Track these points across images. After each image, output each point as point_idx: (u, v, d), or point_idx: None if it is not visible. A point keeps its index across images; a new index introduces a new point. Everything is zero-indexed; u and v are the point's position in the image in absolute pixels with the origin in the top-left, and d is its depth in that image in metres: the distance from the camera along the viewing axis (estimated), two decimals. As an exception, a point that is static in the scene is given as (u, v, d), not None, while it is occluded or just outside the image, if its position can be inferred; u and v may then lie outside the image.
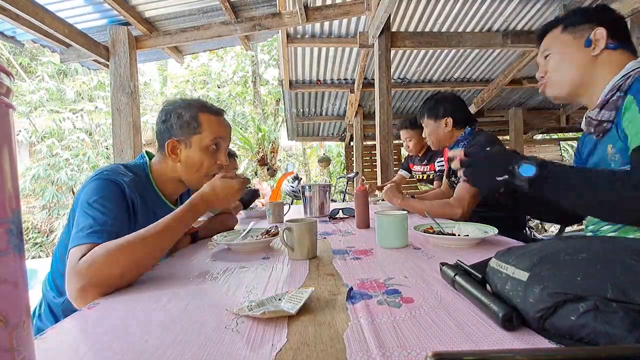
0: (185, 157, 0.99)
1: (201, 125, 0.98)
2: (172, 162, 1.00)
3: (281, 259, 0.87)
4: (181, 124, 0.98)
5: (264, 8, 3.20)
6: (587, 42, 0.87)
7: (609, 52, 0.86)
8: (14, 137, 0.29)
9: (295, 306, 0.52)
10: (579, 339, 0.39)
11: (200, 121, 0.98)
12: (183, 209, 0.85)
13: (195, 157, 0.99)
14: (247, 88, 11.47)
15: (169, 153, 0.98)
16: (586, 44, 0.87)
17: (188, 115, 0.98)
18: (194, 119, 0.98)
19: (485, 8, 3.40)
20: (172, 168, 1.01)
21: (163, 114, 1.00)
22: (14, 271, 0.28)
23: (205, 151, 0.99)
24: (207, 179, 1.01)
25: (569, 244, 0.47)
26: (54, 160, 7.59)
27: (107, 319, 0.55)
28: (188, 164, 0.99)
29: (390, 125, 3.10)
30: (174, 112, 0.99)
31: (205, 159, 1.00)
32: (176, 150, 0.99)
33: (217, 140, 1.01)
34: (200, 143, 0.99)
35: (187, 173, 1.01)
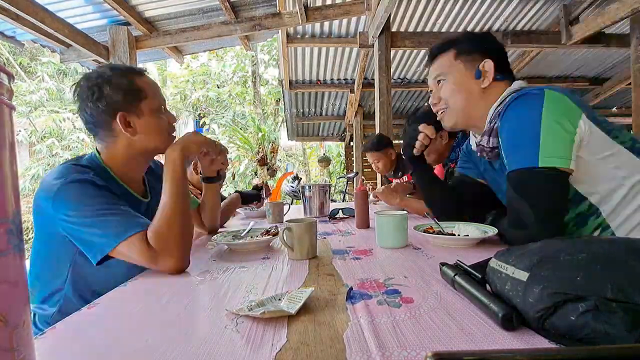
0: (143, 126, 0.91)
1: (144, 90, 0.92)
2: (128, 139, 0.91)
3: (281, 259, 0.87)
4: (123, 94, 0.88)
5: (264, 8, 3.20)
6: (477, 74, 0.92)
7: (497, 83, 0.92)
8: (14, 137, 0.29)
9: (295, 306, 0.52)
10: (579, 339, 0.39)
11: (140, 86, 0.91)
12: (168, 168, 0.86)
13: (152, 123, 0.92)
14: (247, 88, 11.47)
15: (124, 128, 0.89)
16: (477, 76, 0.92)
17: (126, 83, 0.89)
18: (134, 85, 0.90)
19: (485, 8, 3.40)
20: (126, 144, 0.92)
21: (92, 90, 0.88)
22: (14, 271, 0.28)
23: (156, 113, 0.94)
24: (171, 137, 0.98)
25: (569, 244, 0.47)
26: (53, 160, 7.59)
27: (106, 319, 0.55)
28: (147, 131, 0.92)
29: (390, 125, 3.11)
30: (106, 84, 0.88)
31: (160, 121, 0.95)
32: (129, 123, 0.90)
33: (162, 101, 0.97)
34: (150, 106, 0.92)
35: (149, 141, 0.93)
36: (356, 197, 1.29)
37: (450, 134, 1.69)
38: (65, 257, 0.85)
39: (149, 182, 1.08)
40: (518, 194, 0.80)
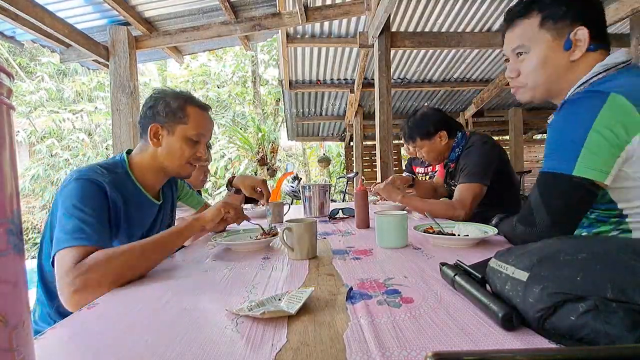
0: (167, 144, 1.00)
1: (188, 117, 1.01)
2: (153, 148, 1.00)
3: (281, 259, 0.87)
4: (167, 112, 0.99)
5: (263, 8, 3.20)
6: (568, 45, 0.78)
7: (588, 55, 0.78)
8: (14, 137, 0.29)
9: (295, 306, 0.52)
10: (579, 339, 0.39)
11: (187, 112, 1.01)
12: (179, 227, 0.91)
13: (177, 145, 1.00)
14: (246, 88, 11.47)
15: (151, 137, 0.99)
16: (566, 47, 0.78)
17: (176, 105, 1.00)
18: (180, 109, 1.00)
19: (485, 8, 3.40)
20: (152, 155, 1.01)
21: (151, 100, 1.02)
22: (14, 271, 0.28)
23: (187, 142, 1.01)
24: (187, 166, 1.04)
25: (569, 244, 0.47)
26: (53, 161, 7.60)
27: (106, 319, 0.55)
28: (169, 150, 1.01)
29: (390, 126, 3.11)
30: (163, 100, 1.00)
31: (186, 149, 1.01)
32: (158, 135, 1.00)
33: (200, 134, 1.03)
34: (184, 133, 1.00)
35: (167, 159, 1.02)
36: (356, 197, 1.29)
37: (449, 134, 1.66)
38: None
39: (163, 191, 1.15)
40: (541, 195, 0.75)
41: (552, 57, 0.80)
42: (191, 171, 1.07)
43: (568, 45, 0.78)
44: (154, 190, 1.08)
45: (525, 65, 0.84)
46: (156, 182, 1.07)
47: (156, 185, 1.08)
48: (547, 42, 0.79)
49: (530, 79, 0.84)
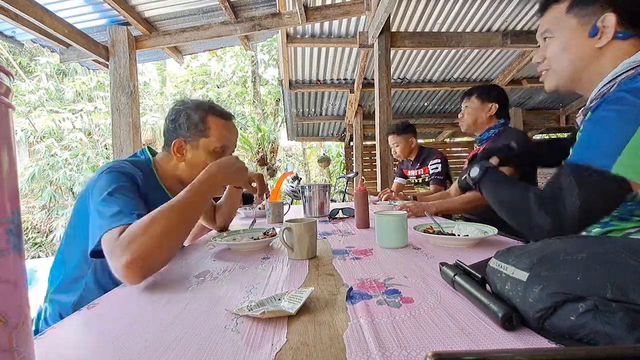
0: (190, 158, 1.01)
1: (209, 129, 1.00)
2: (177, 161, 1.01)
3: (281, 259, 0.87)
4: (189, 125, 0.99)
5: (263, 8, 3.20)
6: (594, 31, 0.75)
7: (618, 43, 0.74)
8: (13, 137, 0.29)
9: (294, 306, 0.52)
10: (579, 339, 0.39)
11: (208, 124, 1.00)
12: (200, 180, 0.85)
13: (200, 159, 1.00)
14: (246, 88, 11.47)
15: (175, 152, 0.99)
16: (592, 33, 0.75)
17: (197, 117, 0.99)
18: (202, 121, 0.99)
19: (485, 8, 3.40)
20: (175, 166, 1.02)
21: (173, 113, 1.01)
22: (14, 271, 0.28)
23: (210, 154, 1.01)
24: None
25: (569, 244, 0.47)
26: (53, 161, 7.59)
27: (106, 319, 0.55)
28: (192, 164, 1.00)
29: (390, 126, 3.11)
30: (184, 113, 1.00)
31: (209, 161, 0.98)
32: (182, 150, 1.00)
33: (224, 146, 1.02)
34: (207, 146, 1.00)
35: (190, 173, 1.01)
36: (356, 197, 1.29)
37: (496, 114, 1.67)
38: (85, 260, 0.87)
39: None
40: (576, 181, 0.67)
41: (576, 43, 0.77)
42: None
43: (594, 32, 0.75)
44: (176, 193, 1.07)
45: (550, 50, 0.82)
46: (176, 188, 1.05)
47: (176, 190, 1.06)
48: (572, 27, 0.77)
49: (554, 63, 0.82)
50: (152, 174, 1.00)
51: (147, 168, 0.99)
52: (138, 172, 0.92)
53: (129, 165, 0.93)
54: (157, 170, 1.02)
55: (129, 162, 0.95)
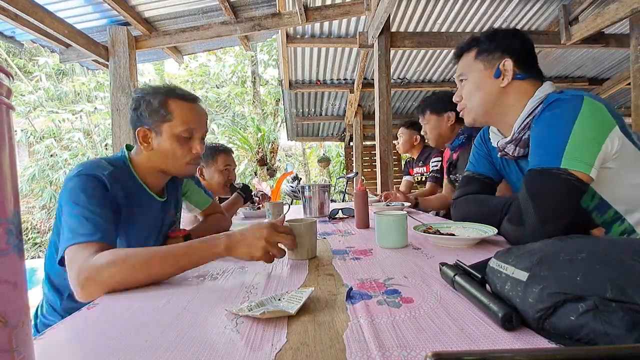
0: (157, 146, 0.96)
1: (172, 113, 0.94)
2: (145, 152, 0.97)
3: (281, 259, 0.87)
4: (150, 112, 0.94)
5: (263, 8, 3.20)
6: (497, 73, 0.91)
7: (518, 82, 0.91)
8: (13, 137, 0.29)
9: (294, 306, 0.52)
10: (579, 339, 0.39)
11: (170, 108, 0.94)
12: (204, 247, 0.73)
13: (167, 146, 0.95)
14: (246, 88, 11.46)
15: (140, 142, 0.95)
16: (496, 75, 0.92)
17: (156, 102, 0.94)
18: (162, 105, 0.94)
19: (485, 8, 3.40)
20: (147, 158, 0.98)
21: (133, 102, 0.97)
22: (14, 271, 0.28)
23: (176, 139, 0.95)
24: (187, 166, 0.99)
25: (569, 244, 0.47)
26: (52, 161, 7.59)
27: (106, 319, 0.55)
28: (161, 152, 0.96)
29: (390, 126, 3.11)
30: (143, 99, 0.95)
31: (177, 147, 0.96)
32: (147, 139, 0.96)
33: (190, 129, 0.97)
34: (171, 131, 0.95)
35: (163, 162, 0.98)
36: (356, 197, 1.29)
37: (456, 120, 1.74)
38: None
39: (167, 187, 1.10)
40: (529, 192, 0.81)
41: (484, 82, 0.94)
42: (193, 170, 1.03)
43: (497, 74, 0.92)
44: (158, 187, 1.05)
45: (465, 90, 0.99)
46: (158, 182, 1.04)
47: (159, 183, 1.05)
48: (480, 70, 0.95)
49: (469, 101, 0.98)
50: (128, 170, 0.97)
51: (122, 164, 0.96)
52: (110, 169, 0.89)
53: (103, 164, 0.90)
54: (133, 165, 0.99)
55: (105, 160, 0.93)
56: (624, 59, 4.58)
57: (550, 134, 0.81)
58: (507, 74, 0.90)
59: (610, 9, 2.72)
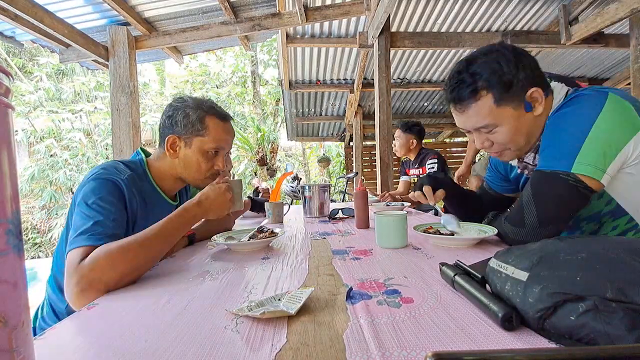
0: (184, 156, 0.99)
1: (206, 129, 0.98)
2: (170, 158, 0.99)
3: (281, 259, 0.87)
4: (186, 123, 0.97)
5: (263, 8, 3.20)
6: (528, 107, 0.82)
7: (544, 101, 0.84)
8: (13, 137, 0.29)
9: (294, 306, 0.52)
10: (579, 339, 0.39)
11: (206, 124, 0.98)
12: (177, 214, 0.84)
13: (193, 158, 0.99)
14: (246, 88, 11.46)
15: (168, 148, 0.98)
16: (527, 109, 0.83)
17: (195, 116, 0.98)
18: (200, 120, 0.98)
19: (485, 8, 3.40)
20: (170, 164, 1.01)
21: (171, 109, 1.00)
22: (14, 271, 0.28)
23: (204, 154, 1.00)
24: (208, 180, 1.02)
25: (569, 244, 0.47)
26: (52, 161, 7.58)
27: (106, 319, 0.55)
28: (186, 163, 1.00)
29: (390, 126, 3.11)
30: (182, 110, 0.98)
31: (202, 161, 1.00)
32: (175, 147, 0.99)
33: (219, 147, 1.01)
34: (202, 146, 0.99)
35: (185, 172, 1.01)
36: (356, 197, 1.29)
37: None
38: None
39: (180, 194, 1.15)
40: (533, 193, 0.78)
41: (521, 122, 0.84)
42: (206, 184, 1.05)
43: (529, 107, 0.83)
44: (171, 192, 1.08)
45: (501, 137, 0.86)
46: (173, 188, 1.07)
47: (173, 190, 1.08)
48: (512, 114, 0.82)
49: (512, 145, 0.87)
50: (146, 175, 0.99)
51: (140, 169, 0.99)
52: (128, 173, 0.91)
53: (120, 167, 0.92)
54: (151, 170, 1.01)
55: (124, 164, 0.95)
56: (624, 59, 4.58)
57: (565, 132, 0.76)
58: (538, 101, 0.82)
59: (610, 9, 2.72)
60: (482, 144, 0.89)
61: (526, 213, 0.79)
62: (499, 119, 0.83)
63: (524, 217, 0.80)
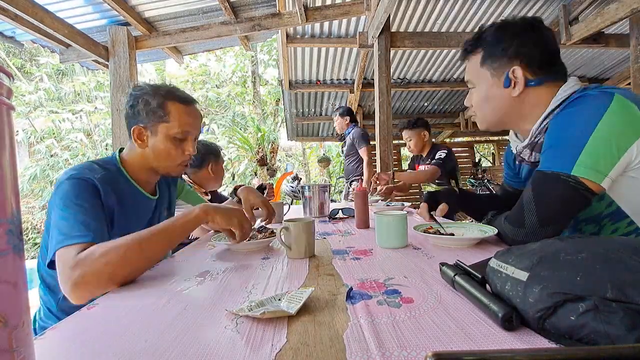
0: (152, 145, 0.97)
1: (169, 114, 0.95)
2: (140, 149, 0.97)
3: (281, 259, 0.87)
4: (147, 111, 0.95)
5: (263, 8, 3.20)
6: (506, 83, 0.80)
7: (532, 89, 0.81)
8: (14, 138, 0.29)
9: (294, 306, 0.52)
10: (579, 339, 0.39)
11: (167, 109, 0.95)
12: (183, 215, 0.83)
13: (161, 146, 0.97)
14: (246, 88, 11.46)
15: (135, 139, 0.96)
16: (505, 84, 0.81)
17: (155, 103, 0.95)
18: (160, 106, 0.95)
19: (485, 8, 3.40)
20: (140, 155, 0.99)
21: (131, 99, 0.97)
22: (14, 271, 0.28)
23: (171, 140, 0.97)
24: (178, 167, 1.01)
25: (569, 244, 0.47)
26: (53, 161, 7.58)
27: (106, 319, 0.55)
28: (155, 151, 0.97)
29: (390, 126, 3.11)
30: (141, 98, 0.95)
31: (171, 147, 0.97)
32: (142, 137, 0.97)
33: (185, 131, 0.98)
34: (167, 132, 0.96)
35: (156, 161, 0.99)
36: (356, 197, 1.29)
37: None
38: None
39: (159, 186, 1.12)
40: (534, 194, 0.77)
41: (493, 93, 0.84)
42: (183, 171, 1.05)
43: (507, 83, 0.81)
44: (149, 185, 1.06)
45: (474, 99, 0.90)
46: (150, 180, 1.05)
47: (150, 181, 1.06)
48: (487, 79, 0.84)
49: (478, 111, 0.90)
50: (119, 171, 0.98)
51: (113, 167, 0.97)
52: (101, 172, 0.90)
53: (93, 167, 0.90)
54: (125, 165, 0.99)
55: (95, 163, 0.93)
56: (624, 59, 4.58)
57: (568, 133, 0.74)
58: (519, 82, 0.80)
59: (610, 9, 2.72)
60: (467, 102, 0.94)
61: (526, 213, 0.78)
62: (476, 79, 0.87)
63: (524, 217, 0.79)
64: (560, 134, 0.76)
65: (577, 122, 0.73)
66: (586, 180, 0.71)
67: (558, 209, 0.76)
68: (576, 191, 0.72)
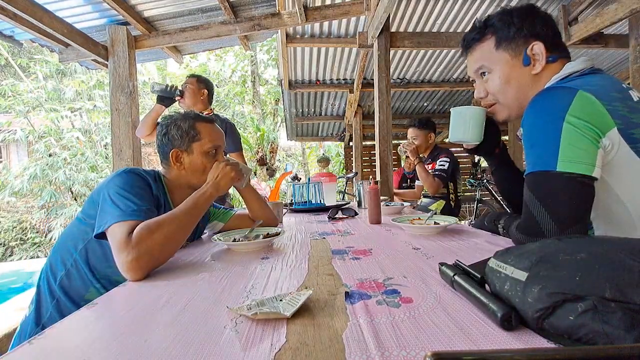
0: (189, 163, 1.08)
1: (200, 133, 1.09)
2: (177, 170, 1.09)
3: (281, 259, 0.87)
4: (181, 134, 1.07)
5: (263, 8, 3.19)
6: (526, 61, 0.81)
7: (549, 66, 0.81)
8: None
9: (291, 309, 0.52)
10: (578, 339, 0.39)
11: (198, 129, 1.09)
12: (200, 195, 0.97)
13: (198, 161, 1.08)
14: (246, 88, 11.46)
15: (174, 162, 1.07)
16: (525, 63, 0.81)
17: (186, 125, 1.08)
18: (192, 127, 1.08)
19: (485, 8, 3.40)
20: (177, 176, 1.10)
21: (163, 128, 1.09)
22: None
23: (205, 155, 1.09)
24: None
25: (568, 244, 0.47)
26: (52, 160, 7.57)
27: (106, 319, 0.55)
28: (192, 168, 1.09)
29: (390, 126, 3.10)
30: (173, 125, 1.08)
31: (206, 161, 1.09)
32: (180, 159, 1.08)
33: (216, 145, 1.11)
34: (201, 149, 1.08)
35: (194, 177, 1.09)
36: (369, 195, 1.32)
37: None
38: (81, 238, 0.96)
39: None
40: (537, 197, 0.71)
41: (514, 73, 0.83)
42: None
43: (527, 61, 0.81)
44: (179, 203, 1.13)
45: (491, 85, 0.87)
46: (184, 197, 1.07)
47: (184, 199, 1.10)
48: (507, 60, 0.83)
49: (500, 97, 0.87)
50: (161, 182, 1.08)
51: (157, 177, 1.08)
52: (152, 176, 1.03)
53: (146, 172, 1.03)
54: (165, 182, 1.10)
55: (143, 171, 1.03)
56: (624, 59, 4.58)
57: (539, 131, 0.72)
58: (540, 58, 0.80)
59: (609, 10, 2.72)
60: (479, 93, 0.91)
61: (541, 220, 0.70)
62: (493, 63, 0.85)
63: (538, 224, 0.71)
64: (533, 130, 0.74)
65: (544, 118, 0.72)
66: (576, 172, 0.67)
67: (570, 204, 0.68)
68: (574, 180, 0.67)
